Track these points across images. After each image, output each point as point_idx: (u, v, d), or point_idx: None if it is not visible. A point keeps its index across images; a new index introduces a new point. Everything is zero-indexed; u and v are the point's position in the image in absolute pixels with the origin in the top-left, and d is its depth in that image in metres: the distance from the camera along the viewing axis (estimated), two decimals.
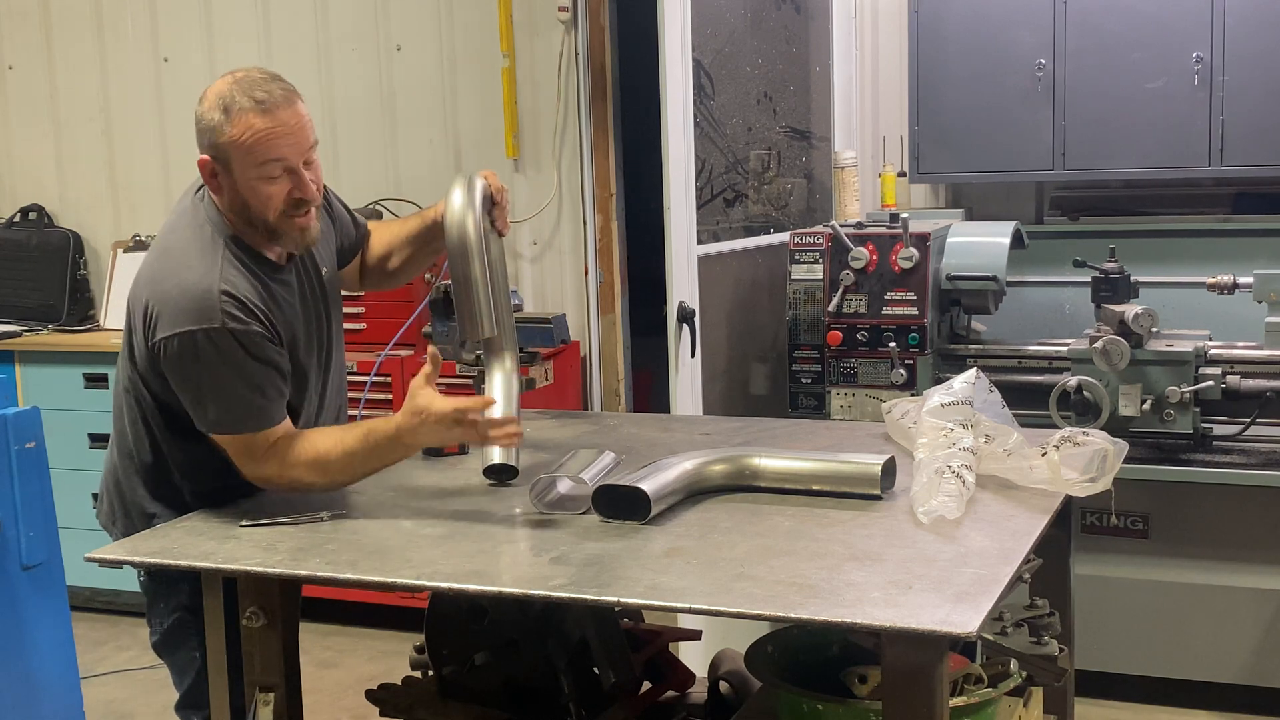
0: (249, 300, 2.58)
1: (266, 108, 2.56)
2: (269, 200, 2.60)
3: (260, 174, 2.58)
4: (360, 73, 5.57)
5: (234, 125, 2.55)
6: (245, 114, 2.55)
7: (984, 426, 2.67)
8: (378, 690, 2.99)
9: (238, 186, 2.60)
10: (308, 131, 2.63)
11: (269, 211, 2.61)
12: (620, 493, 2.45)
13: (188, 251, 2.63)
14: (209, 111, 2.58)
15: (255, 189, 2.59)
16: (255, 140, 2.55)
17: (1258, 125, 4.32)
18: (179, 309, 2.54)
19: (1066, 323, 4.60)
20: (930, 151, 4.71)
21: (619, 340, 5.32)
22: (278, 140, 2.57)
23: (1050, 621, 2.90)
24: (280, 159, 2.58)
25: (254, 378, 2.57)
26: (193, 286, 2.55)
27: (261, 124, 2.55)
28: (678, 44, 3.87)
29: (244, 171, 2.58)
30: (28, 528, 3.64)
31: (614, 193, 5.27)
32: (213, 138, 2.58)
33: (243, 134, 2.55)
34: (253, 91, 2.56)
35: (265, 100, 2.56)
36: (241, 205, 2.62)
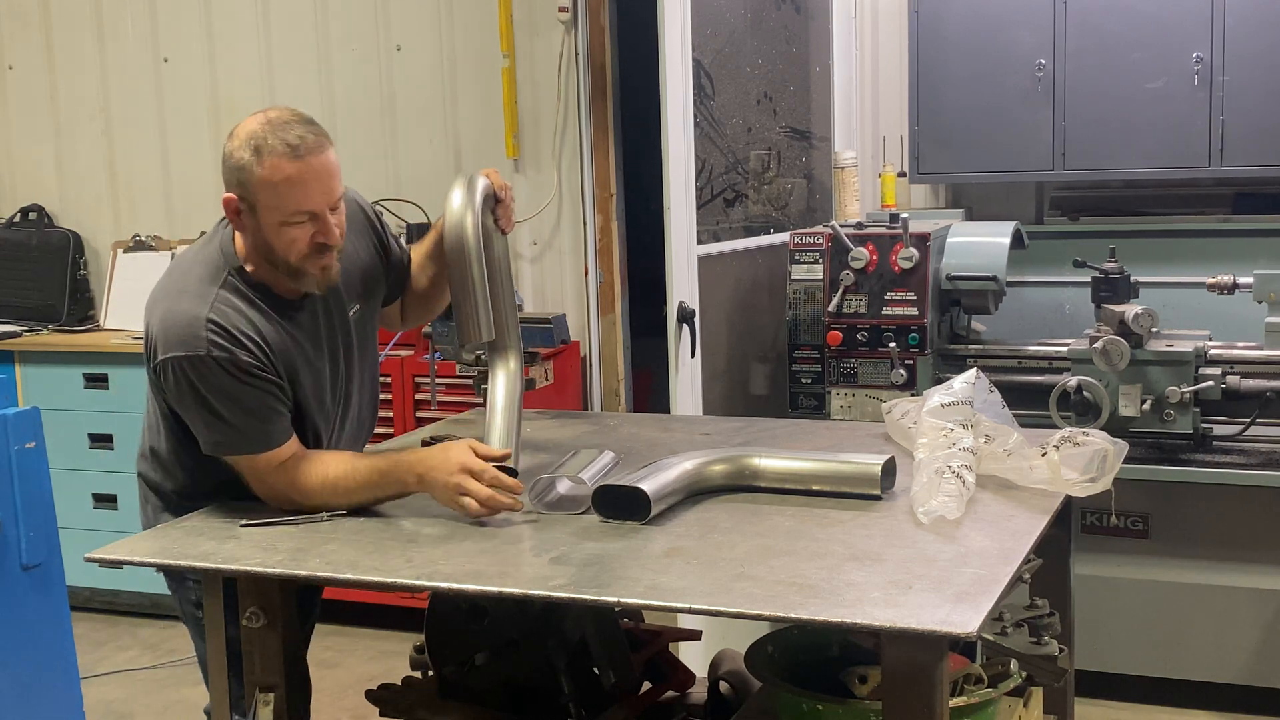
0: (237, 329, 2.56)
1: (299, 153, 2.53)
2: (292, 245, 2.59)
3: (286, 219, 2.56)
4: (360, 73, 5.57)
5: (263, 167, 2.52)
6: (276, 157, 2.52)
7: (984, 426, 2.67)
8: (378, 690, 2.99)
9: (262, 228, 2.58)
10: (336, 178, 2.61)
11: (291, 255, 2.60)
12: (620, 493, 2.46)
13: (188, 276, 2.65)
14: (239, 150, 2.55)
15: (280, 233, 2.58)
16: (284, 185, 2.53)
17: (1258, 125, 4.32)
18: (168, 336, 2.56)
19: (1066, 323, 4.60)
20: (930, 151, 4.71)
21: (619, 340, 5.32)
22: (307, 187, 2.55)
23: (1050, 621, 2.90)
24: (308, 206, 2.57)
25: (246, 402, 2.57)
26: (181, 314, 2.57)
27: (292, 169, 2.53)
28: (678, 44, 3.87)
29: (269, 215, 2.56)
30: (28, 528, 3.64)
31: (614, 193, 5.27)
32: (241, 177, 2.55)
33: (271, 176, 2.53)
34: (285, 134, 2.54)
35: (298, 146, 2.53)
36: (265, 246, 2.61)
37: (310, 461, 2.63)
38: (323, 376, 2.75)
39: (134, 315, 5.60)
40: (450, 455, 2.54)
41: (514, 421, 2.79)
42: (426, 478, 2.55)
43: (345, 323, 2.81)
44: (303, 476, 2.61)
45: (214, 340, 2.53)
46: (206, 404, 2.56)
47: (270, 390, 2.60)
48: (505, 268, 2.90)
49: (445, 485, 2.52)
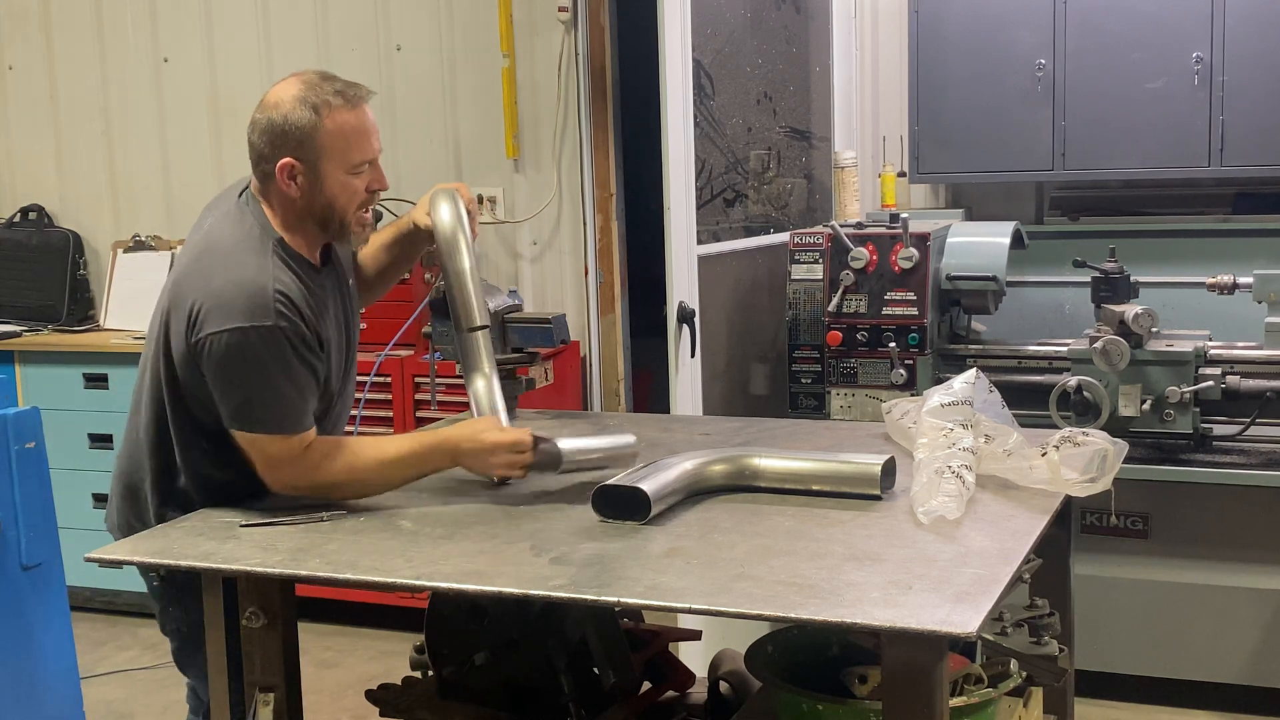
0: (298, 301, 2.59)
1: (354, 102, 2.62)
2: (354, 195, 2.65)
3: (352, 169, 2.63)
4: (360, 73, 5.52)
5: (328, 120, 2.58)
6: (336, 110, 2.59)
7: (984, 426, 2.67)
8: (378, 690, 2.99)
9: (325, 184, 2.62)
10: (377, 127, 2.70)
11: (351, 206, 2.66)
12: (620, 493, 2.46)
13: (239, 249, 2.62)
14: (294, 113, 2.58)
15: (345, 184, 2.63)
16: (352, 134, 2.61)
17: (1258, 125, 4.32)
18: (232, 306, 2.53)
19: (1066, 323, 4.60)
20: (930, 151, 4.71)
21: (619, 340, 5.32)
22: (368, 133, 2.65)
23: (1050, 621, 2.90)
24: (370, 154, 2.65)
25: (298, 379, 2.58)
26: (248, 283, 2.55)
27: (354, 119, 2.61)
28: (678, 44, 3.87)
29: (335, 168, 2.61)
30: (28, 528, 3.64)
31: (614, 193, 5.27)
32: (301, 136, 2.58)
33: (340, 129, 2.59)
34: (334, 85, 2.62)
35: (352, 95, 2.62)
36: (324, 205, 2.64)
37: (335, 444, 2.65)
38: (340, 348, 2.79)
39: (134, 315, 5.67)
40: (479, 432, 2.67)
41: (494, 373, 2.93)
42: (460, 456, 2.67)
43: (349, 291, 2.87)
44: (324, 465, 2.60)
45: (281, 311, 2.54)
46: (260, 376, 2.53)
47: (316, 369, 2.64)
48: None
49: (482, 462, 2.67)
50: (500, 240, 5.48)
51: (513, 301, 3.31)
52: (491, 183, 5.43)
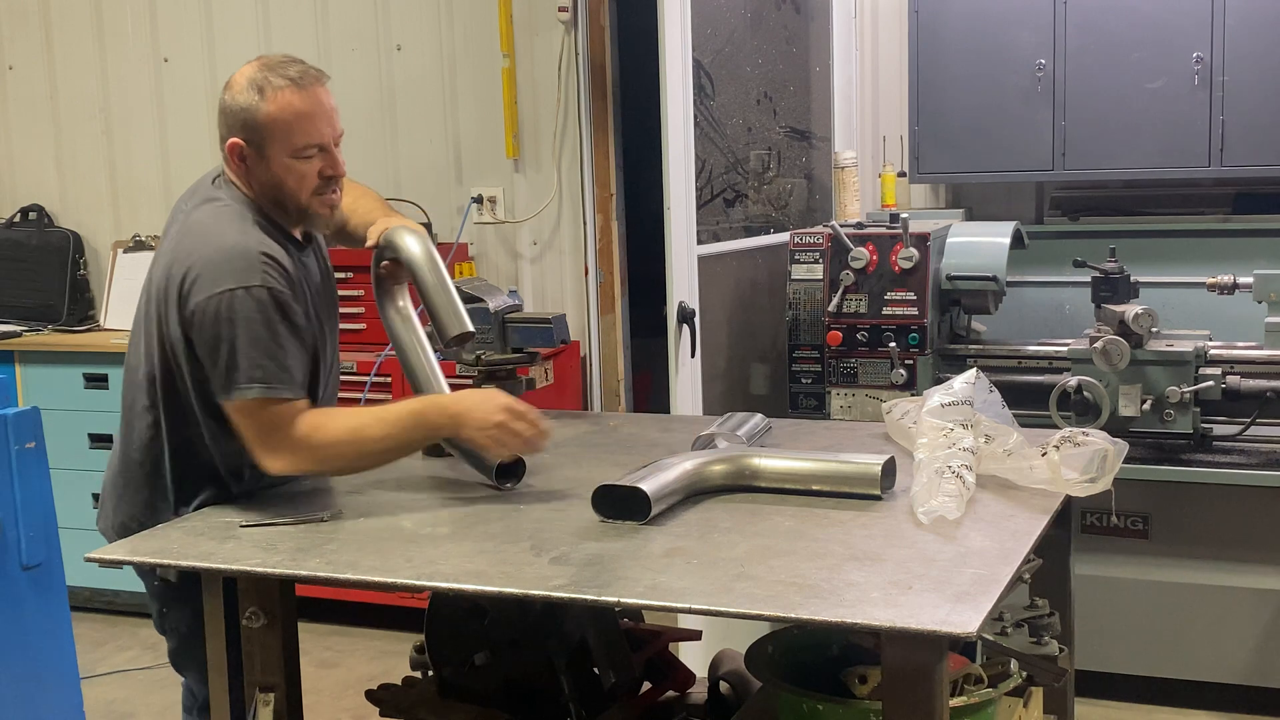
0: (286, 266, 2.60)
1: (302, 84, 2.62)
2: (303, 180, 2.64)
3: (296, 153, 2.62)
4: (360, 73, 5.57)
5: (271, 103, 2.59)
6: (282, 92, 2.60)
7: (984, 426, 2.67)
8: (378, 690, 2.99)
9: (271, 166, 2.63)
10: (337, 111, 2.70)
11: (303, 191, 2.65)
12: (620, 493, 2.45)
13: (219, 221, 2.64)
14: (241, 94, 2.61)
15: (291, 167, 2.63)
16: (295, 118, 2.60)
17: (1258, 125, 4.32)
18: (220, 270, 2.54)
19: (1066, 323, 4.60)
20: (930, 151, 4.71)
21: (619, 340, 5.32)
22: (315, 119, 2.63)
23: (1050, 621, 2.90)
24: (316, 139, 2.63)
25: (287, 340, 2.57)
26: (233, 247, 2.57)
27: (300, 103, 2.61)
28: (678, 44, 3.87)
29: (279, 152, 2.62)
30: (28, 528, 3.64)
31: (614, 193, 5.27)
32: (246, 118, 2.60)
33: (281, 112, 2.60)
34: (285, 70, 2.62)
35: (300, 78, 2.62)
36: (274, 186, 2.65)
37: (330, 412, 2.64)
38: (323, 328, 2.78)
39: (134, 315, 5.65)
40: (489, 397, 2.64)
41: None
42: (464, 417, 2.60)
43: (330, 269, 2.87)
44: (325, 427, 2.58)
45: (268, 272, 2.55)
46: (249, 335, 2.52)
47: (306, 334, 2.64)
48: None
49: (485, 423, 2.58)
50: (500, 240, 5.48)
51: (513, 301, 3.31)
52: (491, 183, 5.43)
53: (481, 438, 2.60)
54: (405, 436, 2.64)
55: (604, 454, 2.96)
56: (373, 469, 2.72)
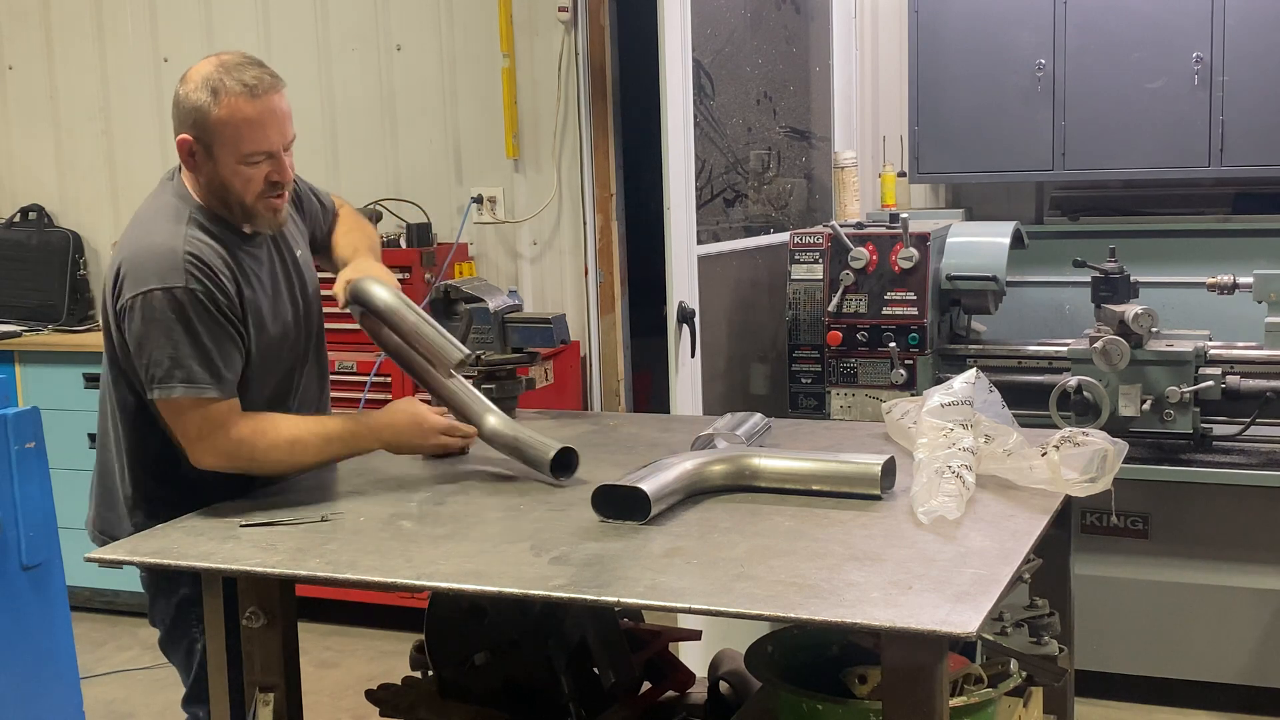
0: (213, 265, 2.61)
1: (256, 93, 2.60)
2: (248, 184, 2.65)
3: (244, 159, 2.62)
4: (360, 73, 5.57)
5: (222, 108, 2.59)
6: (234, 98, 2.58)
7: (984, 426, 2.67)
8: (378, 690, 2.99)
9: (219, 168, 2.64)
10: (290, 118, 2.68)
11: (248, 194, 2.66)
12: (620, 493, 2.45)
13: (155, 218, 2.68)
14: (195, 92, 2.60)
15: (237, 172, 2.64)
16: (244, 125, 2.60)
17: (1258, 125, 4.32)
18: (144, 269, 2.58)
19: (1066, 323, 4.61)
20: (930, 151, 4.71)
21: (619, 340, 5.32)
22: (265, 127, 2.62)
23: (1050, 621, 2.90)
24: (265, 146, 2.63)
25: (214, 340, 2.59)
26: (159, 247, 2.60)
27: (251, 110, 2.60)
28: (678, 44, 3.87)
29: (227, 155, 2.62)
30: (28, 528, 3.64)
31: (614, 193, 5.27)
32: (197, 118, 2.61)
33: (231, 117, 2.59)
34: (241, 75, 2.60)
35: (255, 86, 2.60)
36: (221, 186, 2.66)
37: (263, 416, 2.65)
38: (286, 317, 2.79)
39: None
40: (416, 420, 2.76)
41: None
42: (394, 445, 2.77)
43: (297, 264, 2.87)
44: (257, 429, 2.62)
45: (191, 273, 2.57)
46: (173, 336, 2.55)
47: (237, 334, 2.64)
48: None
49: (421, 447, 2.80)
50: (500, 240, 5.48)
51: (513, 301, 3.31)
52: (491, 183, 5.43)
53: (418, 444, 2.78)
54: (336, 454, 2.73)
55: (604, 454, 2.96)
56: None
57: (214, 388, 2.58)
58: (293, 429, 2.67)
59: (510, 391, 3.27)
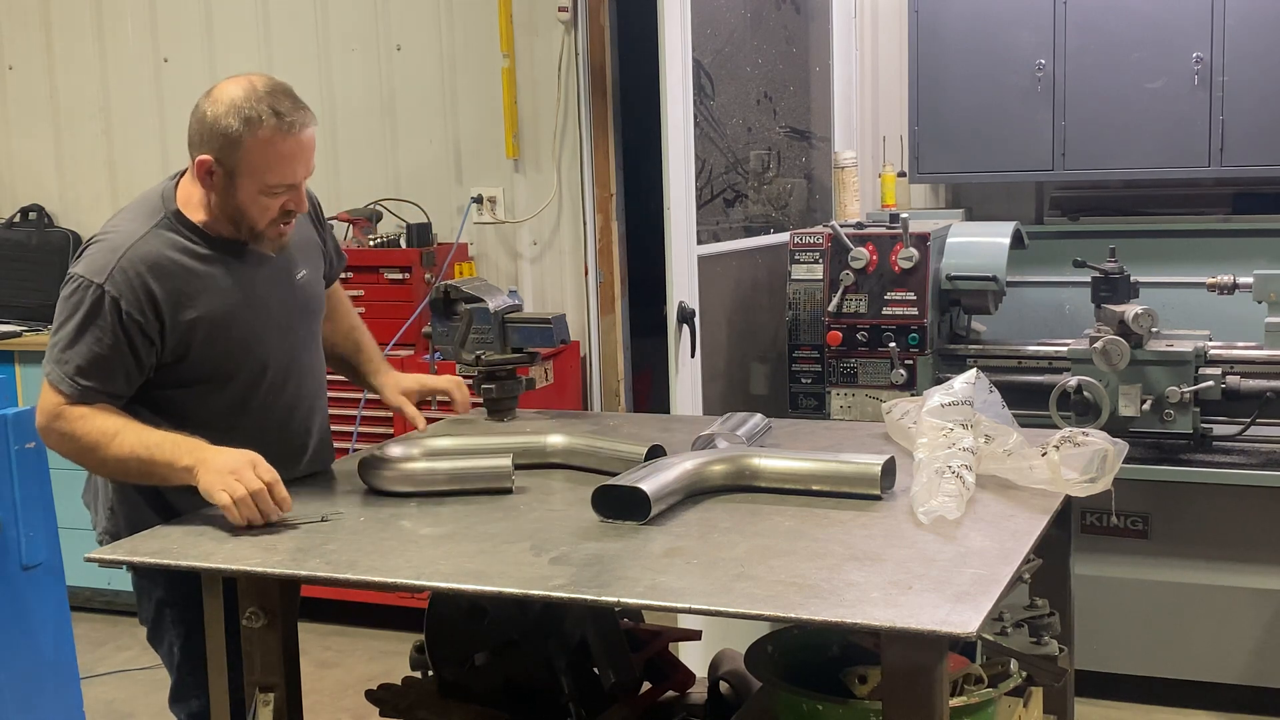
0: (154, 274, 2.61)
1: (291, 130, 2.59)
2: (265, 212, 2.66)
3: (267, 190, 2.63)
4: (360, 73, 5.57)
5: (254, 139, 2.58)
6: (268, 131, 2.58)
7: (984, 426, 2.67)
8: (378, 690, 2.98)
9: (238, 194, 2.63)
10: (313, 150, 2.68)
11: (261, 222, 2.68)
12: (620, 493, 2.45)
13: (131, 211, 2.73)
14: (226, 117, 2.58)
15: (256, 200, 2.64)
16: (275, 159, 2.60)
17: (1258, 125, 4.32)
18: (89, 255, 2.65)
19: (1066, 323, 4.60)
20: (930, 151, 4.71)
21: (619, 340, 5.32)
22: (294, 162, 2.62)
23: (1050, 621, 2.90)
24: (291, 179, 2.64)
25: (105, 347, 2.59)
26: (111, 240, 2.65)
27: (282, 146, 2.59)
28: (678, 44, 3.87)
29: (250, 185, 2.62)
30: (28, 528, 3.64)
31: (614, 193, 5.27)
32: (225, 144, 2.59)
33: (262, 151, 2.58)
34: (276, 105, 2.59)
35: (292, 122, 2.59)
36: (235, 210, 2.66)
37: (95, 414, 2.60)
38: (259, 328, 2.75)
39: None
40: (235, 456, 2.54)
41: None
42: (204, 463, 2.53)
43: (293, 282, 2.85)
44: (81, 423, 2.59)
45: (117, 280, 2.59)
46: (69, 325, 2.59)
47: (140, 349, 2.61)
48: None
49: (217, 474, 2.50)
50: (500, 240, 5.48)
51: (513, 301, 3.31)
52: (491, 183, 5.43)
53: (209, 487, 2.50)
54: (142, 458, 2.58)
55: None
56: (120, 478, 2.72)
57: (73, 384, 2.59)
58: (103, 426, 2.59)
59: (510, 391, 3.27)
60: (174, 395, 2.71)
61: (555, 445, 2.89)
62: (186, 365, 2.69)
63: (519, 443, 2.89)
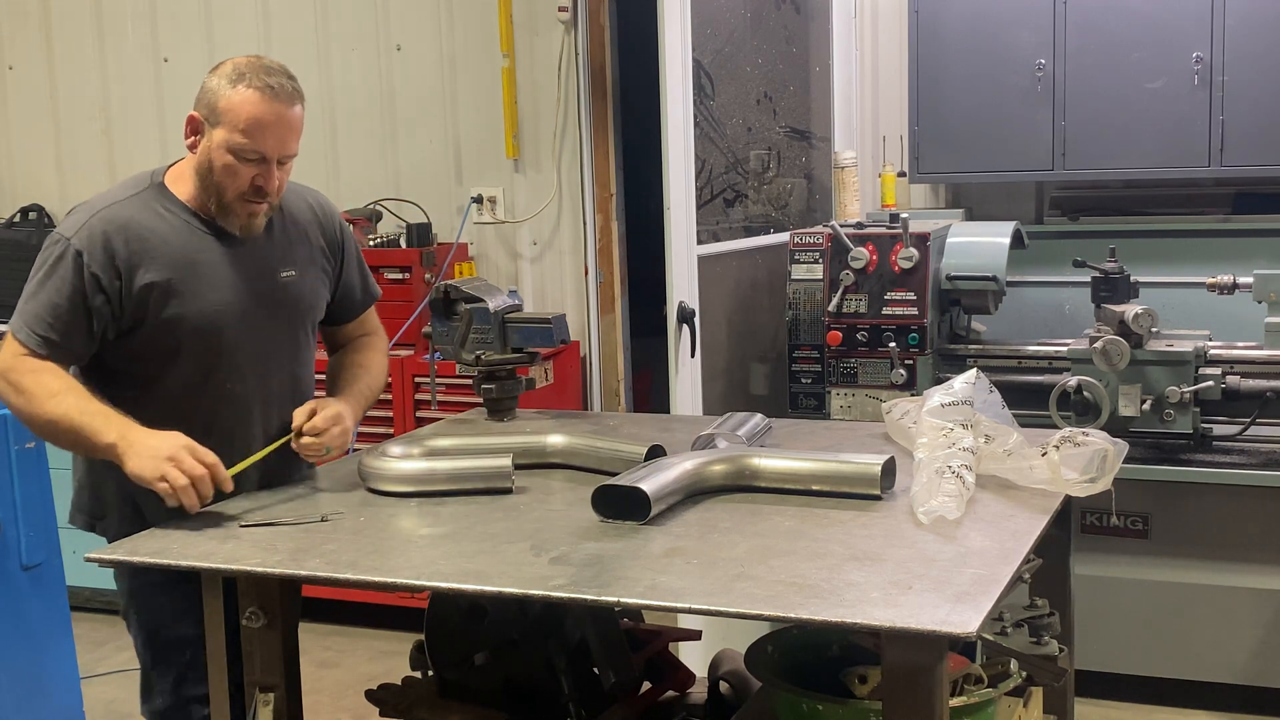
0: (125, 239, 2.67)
1: (274, 94, 2.66)
2: (233, 178, 2.69)
3: (235, 149, 2.67)
4: (360, 73, 5.57)
5: (236, 95, 2.65)
6: (250, 90, 2.65)
7: (984, 426, 2.67)
8: (378, 690, 2.98)
9: (212, 151, 2.69)
10: (296, 134, 2.73)
11: (228, 189, 2.71)
12: (620, 493, 2.45)
13: (118, 185, 2.84)
14: (219, 76, 2.70)
15: (228, 162, 2.68)
16: (248, 118, 2.66)
17: (1258, 125, 4.32)
18: (66, 219, 2.75)
19: (1066, 323, 4.61)
20: (930, 151, 4.71)
21: (619, 340, 5.32)
22: (267, 129, 2.67)
23: (1050, 621, 2.90)
24: (260, 146, 2.67)
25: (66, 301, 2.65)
26: (86, 205, 2.75)
27: (260, 108, 2.66)
28: (678, 44, 3.87)
29: (221, 139, 2.67)
30: (28, 528, 3.64)
31: (614, 193, 5.27)
32: (211, 99, 2.69)
33: (239, 106, 2.65)
34: (267, 76, 2.68)
35: (276, 89, 2.67)
36: (207, 168, 2.71)
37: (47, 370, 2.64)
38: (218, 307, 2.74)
39: None
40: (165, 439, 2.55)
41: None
42: (129, 443, 2.53)
43: (271, 277, 2.83)
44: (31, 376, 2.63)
45: (89, 236, 2.67)
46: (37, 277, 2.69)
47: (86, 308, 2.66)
48: None
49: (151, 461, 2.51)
50: (500, 240, 5.48)
51: (513, 301, 3.31)
52: (491, 183, 5.43)
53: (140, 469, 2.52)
54: (74, 421, 2.59)
55: None
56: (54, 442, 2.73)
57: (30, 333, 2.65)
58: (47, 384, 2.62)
59: (510, 391, 3.27)
60: (130, 370, 2.74)
61: (555, 445, 2.89)
62: (140, 335, 2.71)
63: (519, 443, 2.89)
